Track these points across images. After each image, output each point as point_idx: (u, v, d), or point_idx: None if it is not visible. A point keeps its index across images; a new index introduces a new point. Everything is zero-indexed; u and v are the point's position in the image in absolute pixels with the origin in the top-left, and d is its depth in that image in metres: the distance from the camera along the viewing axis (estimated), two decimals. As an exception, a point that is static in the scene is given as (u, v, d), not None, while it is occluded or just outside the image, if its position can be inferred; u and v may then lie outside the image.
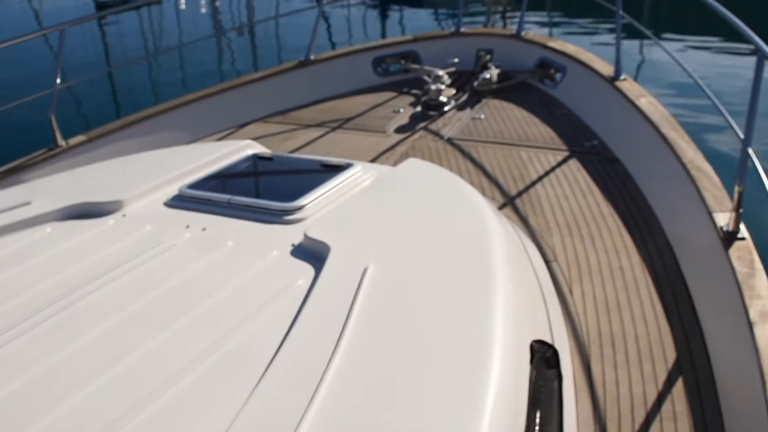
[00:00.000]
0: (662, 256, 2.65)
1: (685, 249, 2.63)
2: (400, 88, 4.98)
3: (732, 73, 8.84)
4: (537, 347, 1.45)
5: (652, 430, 1.91)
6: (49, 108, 3.70)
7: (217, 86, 4.48)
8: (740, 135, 2.39)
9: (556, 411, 1.38)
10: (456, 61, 4.89)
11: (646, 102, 3.55)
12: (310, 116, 4.50)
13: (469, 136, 3.98)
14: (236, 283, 1.52)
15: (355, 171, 2.13)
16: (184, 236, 1.77)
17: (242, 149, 2.50)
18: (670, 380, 2.07)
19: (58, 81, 3.73)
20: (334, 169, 2.14)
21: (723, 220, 2.42)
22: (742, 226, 2.35)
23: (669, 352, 2.18)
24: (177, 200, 2.01)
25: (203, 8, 18.23)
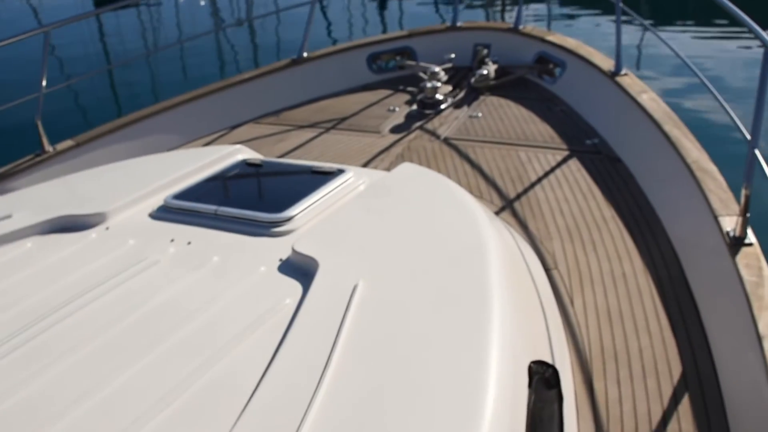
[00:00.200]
0: (666, 263, 2.55)
1: (691, 255, 2.52)
2: (396, 85, 4.87)
3: (738, 66, 8.64)
4: (535, 368, 1.40)
5: None
6: (36, 113, 3.60)
7: (208, 87, 4.37)
8: (747, 136, 2.28)
9: None
10: (452, 56, 4.77)
11: (647, 98, 3.44)
12: (303, 116, 4.39)
13: (467, 135, 3.88)
14: (220, 303, 1.46)
15: (347, 177, 2.10)
16: (168, 251, 1.72)
17: (231, 155, 2.46)
18: (676, 397, 1.98)
19: (44, 84, 3.63)
20: (326, 175, 2.11)
21: (729, 224, 2.32)
22: (750, 232, 2.25)
23: (674, 366, 2.08)
24: (162, 211, 1.97)
25: (202, 1, 18.11)
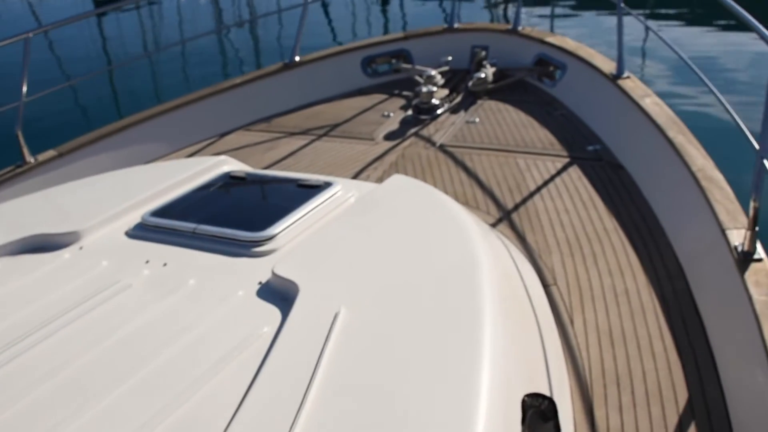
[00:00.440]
0: (671, 278, 2.42)
1: (697, 270, 2.39)
2: (391, 89, 4.74)
3: (747, 65, 8.43)
4: (530, 402, 1.30)
5: None
6: (16, 123, 3.49)
7: (196, 93, 4.24)
8: (755, 145, 2.15)
9: None
10: (449, 59, 4.63)
11: (650, 102, 3.31)
12: (295, 123, 4.26)
13: (463, 142, 3.75)
14: (193, 333, 1.38)
15: (335, 191, 2.02)
16: (142, 274, 1.64)
17: (215, 167, 2.37)
18: (682, 425, 1.85)
19: (24, 92, 3.52)
20: (312, 189, 2.03)
21: (737, 238, 2.19)
22: (759, 246, 2.12)
23: (680, 391, 1.95)
24: (139, 229, 1.89)
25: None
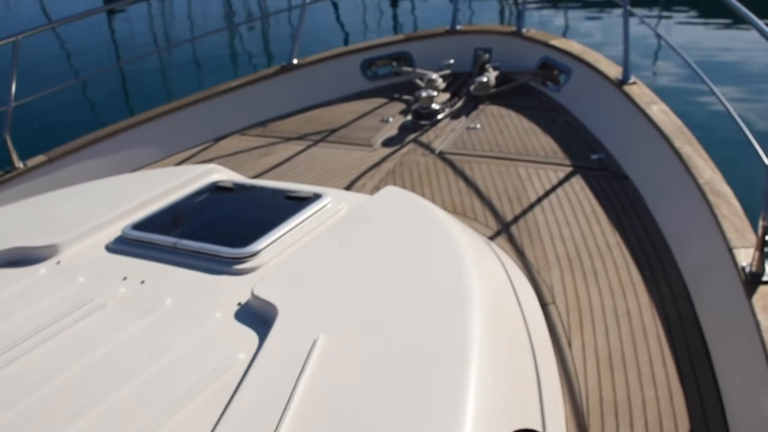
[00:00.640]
0: (675, 299, 2.30)
1: (702, 290, 2.27)
2: (391, 93, 4.63)
3: (757, 69, 8.25)
4: None
5: None
6: (4, 127, 3.41)
7: (191, 96, 4.15)
8: (765, 160, 2.04)
9: None
10: (451, 62, 4.51)
11: (657, 110, 3.19)
12: (292, 128, 4.16)
13: (463, 149, 3.63)
14: (167, 358, 1.32)
15: (324, 203, 1.96)
16: (118, 291, 1.59)
17: (203, 176, 2.30)
18: None
19: (13, 95, 3.43)
20: (301, 201, 1.96)
21: (745, 258, 2.07)
22: None
23: (681, 423, 1.84)
24: (119, 243, 1.86)
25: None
